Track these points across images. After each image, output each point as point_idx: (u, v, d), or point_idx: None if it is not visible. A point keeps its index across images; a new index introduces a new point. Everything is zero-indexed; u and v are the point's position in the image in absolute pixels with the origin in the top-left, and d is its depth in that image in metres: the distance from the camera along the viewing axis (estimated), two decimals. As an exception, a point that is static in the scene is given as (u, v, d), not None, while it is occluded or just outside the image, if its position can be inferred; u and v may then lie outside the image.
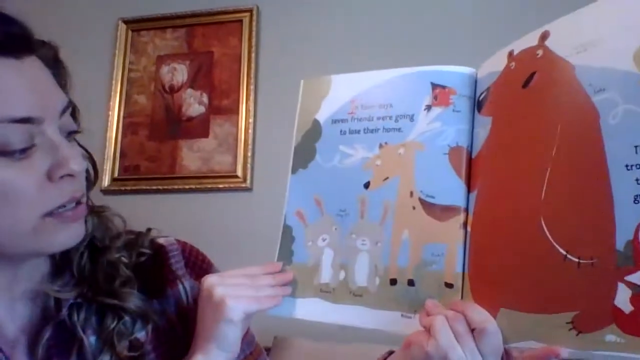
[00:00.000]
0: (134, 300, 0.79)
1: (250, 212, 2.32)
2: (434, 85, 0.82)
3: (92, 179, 0.82)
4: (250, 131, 2.45)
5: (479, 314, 0.71)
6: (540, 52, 0.72)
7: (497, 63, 0.78)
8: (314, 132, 0.90)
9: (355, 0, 2.49)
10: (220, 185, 2.45)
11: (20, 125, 0.64)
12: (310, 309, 0.84)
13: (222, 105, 2.52)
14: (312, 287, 0.85)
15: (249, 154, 2.44)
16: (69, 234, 0.71)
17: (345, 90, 0.89)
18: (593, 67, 0.64)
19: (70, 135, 0.73)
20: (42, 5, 2.58)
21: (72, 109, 0.75)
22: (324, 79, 0.91)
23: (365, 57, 2.35)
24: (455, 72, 0.82)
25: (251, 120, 2.46)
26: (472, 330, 0.70)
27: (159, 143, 2.54)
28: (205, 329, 0.77)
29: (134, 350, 0.78)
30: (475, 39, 2.12)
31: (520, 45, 0.75)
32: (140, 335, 0.79)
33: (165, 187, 2.47)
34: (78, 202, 0.71)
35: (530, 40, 0.73)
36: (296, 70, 2.41)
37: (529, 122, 0.72)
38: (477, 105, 0.80)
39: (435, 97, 0.82)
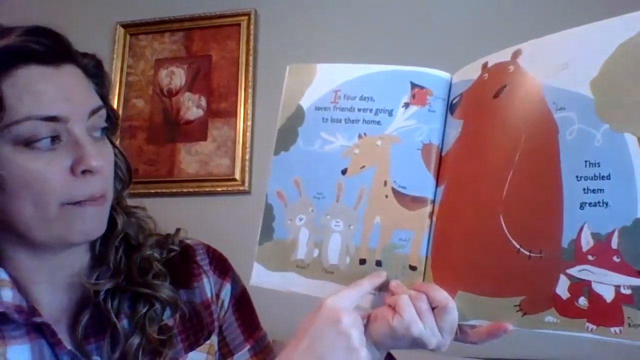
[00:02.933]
0: (165, 291, 0.88)
1: (248, 215, 2.28)
2: (413, 85, 0.88)
3: (126, 179, 0.91)
4: (249, 134, 2.45)
5: (440, 294, 0.78)
6: (512, 67, 0.80)
7: (471, 72, 0.86)
8: (297, 116, 0.95)
9: (354, 4, 2.49)
10: (219, 189, 2.44)
11: (48, 122, 0.73)
12: (286, 282, 0.90)
13: (221, 108, 2.53)
14: (289, 262, 0.91)
15: (247, 157, 2.43)
16: (87, 223, 0.79)
17: (329, 79, 0.94)
18: (557, 88, 0.73)
19: (102, 134, 0.82)
20: (41, 9, 2.59)
21: (114, 115, 0.87)
22: (310, 67, 0.96)
23: (363, 61, 2.34)
24: (433, 75, 0.89)
25: (249, 123, 2.46)
26: (433, 309, 0.78)
27: (158, 146, 2.54)
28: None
29: (163, 334, 0.85)
30: (475, 40, 2.13)
31: (494, 58, 0.83)
32: (169, 321, 0.88)
33: (164, 190, 2.46)
34: (100, 197, 0.79)
35: (504, 55, 0.82)
36: (294, 74, 2.41)
37: (496, 129, 0.80)
38: (450, 108, 0.87)
39: (413, 96, 0.88)
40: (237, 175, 2.42)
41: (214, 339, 0.94)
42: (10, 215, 0.76)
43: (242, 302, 1.01)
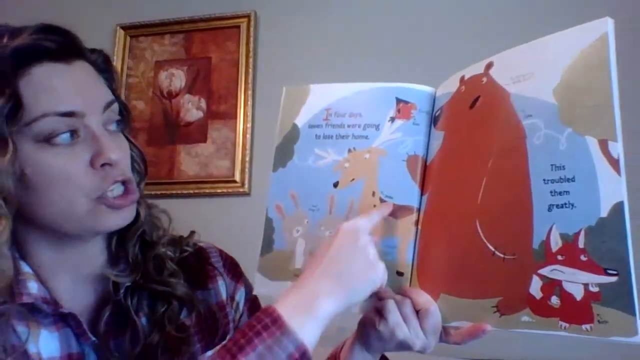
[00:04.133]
0: (182, 289, 0.90)
1: (248, 217, 2.30)
2: (398, 100, 0.93)
3: (142, 171, 0.94)
4: (248, 136, 2.46)
5: (423, 298, 0.83)
6: (484, 79, 0.84)
7: (451, 85, 0.90)
8: (293, 135, 1.00)
9: (353, 5, 2.49)
10: (219, 190, 2.45)
11: (66, 118, 0.75)
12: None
13: (220, 110, 2.53)
14: (288, 271, 0.96)
15: (247, 158, 2.44)
16: (118, 218, 0.81)
17: (321, 99, 0.99)
18: (524, 96, 0.77)
19: (117, 127, 0.85)
20: (41, 11, 2.60)
21: (125, 108, 0.89)
22: (304, 88, 1.02)
23: (362, 62, 2.37)
24: (417, 90, 0.94)
25: (249, 125, 2.47)
26: (417, 312, 0.83)
27: (158, 148, 2.55)
28: (343, 273, 0.78)
29: (181, 332, 0.88)
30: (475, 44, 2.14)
31: (470, 71, 0.87)
32: (186, 320, 0.90)
33: (164, 192, 2.45)
34: (126, 190, 0.82)
35: (478, 68, 0.86)
36: (294, 75, 2.43)
37: (472, 138, 0.84)
38: (433, 120, 0.92)
39: (398, 111, 0.93)
40: (237, 177, 2.43)
41: None
42: (38, 212, 0.78)
43: (256, 305, 1.04)
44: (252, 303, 1.03)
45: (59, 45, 0.78)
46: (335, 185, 0.94)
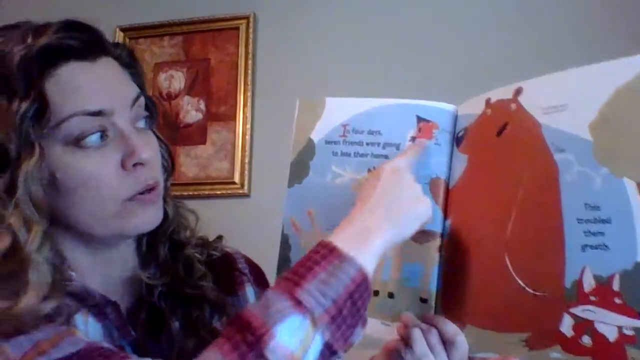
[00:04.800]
0: (213, 292, 0.89)
1: (248, 218, 2.31)
2: (419, 119, 0.89)
3: (169, 168, 0.93)
4: (248, 137, 2.46)
5: (450, 328, 0.81)
6: (513, 106, 0.80)
7: (475, 106, 0.86)
8: (308, 150, 0.96)
9: (353, 6, 2.49)
10: (218, 192, 2.45)
11: (94, 117, 0.74)
12: None
13: (220, 112, 2.53)
14: None
15: (247, 160, 2.44)
16: (146, 217, 0.80)
17: (337, 113, 0.95)
18: (556, 129, 0.74)
19: (146, 124, 0.83)
20: (40, 13, 2.58)
21: (152, 104, 0.87)
22: (318, 100, 0.97)
23: (362, 63, 2.36)
24: (438, 108, 0.89)
25: (248, 126, 2.46)
26: (444, 342, 0.81)
27: (157, 150, 2.53)
28: (392, 209, 0.76)
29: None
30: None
31: (496, 94, 0.83)
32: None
33: (163, 193, 2.46)
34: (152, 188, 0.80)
35: (506, 92, 0.82)
36: (293, 77, 2.43)
37: (500, 167, 0.81)
38: (456, 141, 0.88)
39: (419, 130, 0.88)
40: (237, 179, 2.43)
41: None
42: (69, 215, 0.76)
43: None
44: None
45: (84, 43, 0.76)
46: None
